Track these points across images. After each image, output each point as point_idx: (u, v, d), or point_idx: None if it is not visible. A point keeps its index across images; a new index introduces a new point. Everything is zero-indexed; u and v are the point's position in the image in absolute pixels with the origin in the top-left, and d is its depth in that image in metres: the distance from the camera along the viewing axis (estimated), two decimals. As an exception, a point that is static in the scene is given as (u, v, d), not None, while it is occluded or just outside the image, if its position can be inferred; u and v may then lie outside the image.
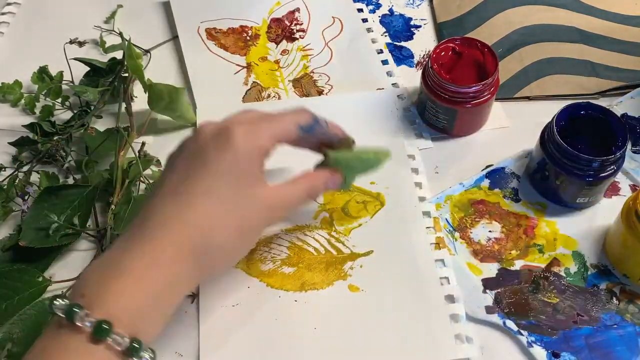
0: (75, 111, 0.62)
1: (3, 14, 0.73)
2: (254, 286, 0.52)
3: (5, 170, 0.59)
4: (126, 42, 0.62)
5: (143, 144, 0.60)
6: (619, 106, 0.62)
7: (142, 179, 0.57)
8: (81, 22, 0.72)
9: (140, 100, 0.63)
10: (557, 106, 0.55)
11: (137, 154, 0.58)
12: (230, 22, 0.71)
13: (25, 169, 0.58)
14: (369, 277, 0.52)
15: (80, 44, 0.69)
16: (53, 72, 0.65)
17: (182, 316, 0.51)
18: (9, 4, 0.74)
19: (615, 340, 0.49)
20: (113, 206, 0.54)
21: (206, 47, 0.69)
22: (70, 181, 0.59)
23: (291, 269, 0.53)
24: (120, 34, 0.66)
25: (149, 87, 0.59)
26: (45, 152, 0.58)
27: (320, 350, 0.49)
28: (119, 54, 0.66)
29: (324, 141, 0.49)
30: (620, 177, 0.58)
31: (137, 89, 0.64)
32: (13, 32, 0.72)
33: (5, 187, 0.56)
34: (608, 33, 0.68)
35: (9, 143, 0.60)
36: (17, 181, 0.57)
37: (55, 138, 0.59)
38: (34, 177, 0.58)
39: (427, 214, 0.56)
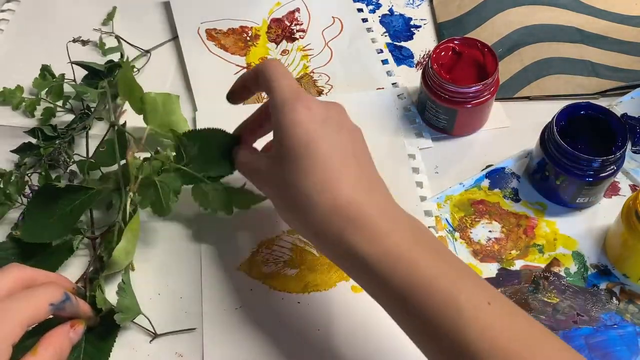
0: (77, 113, 0.61)
1: (2, 11, 0.73)
2: (256, 288, 0.52)
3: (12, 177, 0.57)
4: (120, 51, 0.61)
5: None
6: (619, 106, 0.62)
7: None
8: (81, 22, 0.71)
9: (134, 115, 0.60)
10: (557, 106, 0.55)
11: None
12: (230, 23, 0.71)
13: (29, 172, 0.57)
14: (371, 277, 0.52)
15: (84, 42, 0.68)
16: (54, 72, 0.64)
17: (183, 317, 0.51)
18: (8, 1, 0.73)
19: (615, 340, 0.49)
20: (131, 194, 0.52)
21: (206, 47, 0.69)
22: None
23: (294, 270, 0.53)
24: (117, 38, 0.66)
25: (144, 97, 0.57)
26: (48, 157, 0.57)
27: (324, 352, 0.49)
28: (117, 56, 0.66)
29: (73, 317, 0.45)
30: (620, 177, 0.58)
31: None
32: (12, 30, 0.71)
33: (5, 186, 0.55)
34: (608, 33, 0.68)
35: (11, 151, 0.58)
36: (14, 180, 0.56)
37: (57, 142, 0.58)
38: (35, 180, 0.57)
39: (428, 213, 0.56)
